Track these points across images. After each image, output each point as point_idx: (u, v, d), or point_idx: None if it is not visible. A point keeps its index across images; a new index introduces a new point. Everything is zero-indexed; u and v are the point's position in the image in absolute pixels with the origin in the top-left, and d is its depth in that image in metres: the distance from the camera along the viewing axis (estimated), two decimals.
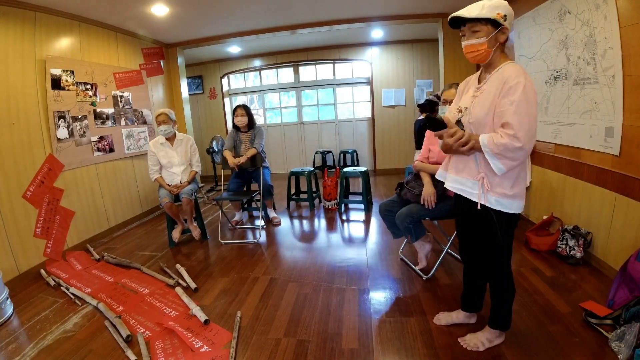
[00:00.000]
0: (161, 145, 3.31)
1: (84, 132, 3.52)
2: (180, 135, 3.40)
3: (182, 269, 2.71)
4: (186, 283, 2.51)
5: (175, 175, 3.34)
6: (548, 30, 2.79)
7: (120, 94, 4.06)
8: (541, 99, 2.95)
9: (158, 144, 3.31)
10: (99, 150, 3.70)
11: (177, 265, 2.81)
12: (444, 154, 2.24)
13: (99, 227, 3.70)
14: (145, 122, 4.46)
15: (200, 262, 2.95)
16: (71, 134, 3.35)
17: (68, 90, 3.33)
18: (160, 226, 4.04)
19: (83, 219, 3.48)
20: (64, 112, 3.27)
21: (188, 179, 3.35)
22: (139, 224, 4.20)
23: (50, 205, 3.09)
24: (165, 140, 3.31)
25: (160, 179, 3.30)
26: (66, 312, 2.26)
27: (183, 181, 3.33)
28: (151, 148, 3.29)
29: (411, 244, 2.48)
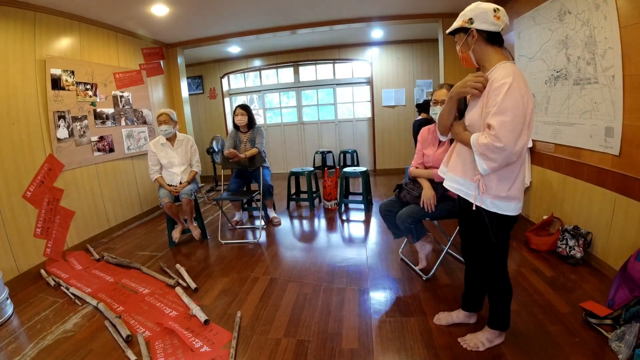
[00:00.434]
0: (161, 145, 3.31)
1: (84, 132, 3.52)
2: (180, 136, 3.40)
3: (182, 269, 2.71)
4: (186, 283, 2.51)
5: (176, 176, 3.34)
6: (548, 30, 2.79)
7: (120, 94, 4.06)
8: (541, 99, 2.95)
9: (158, 144, 3.31)
10: (99, 150, 3.70)
11: (177, 265, 2.81)
12: (439, 158, 2.25)
13: (99, 227, 3.70)
14: (145, 122, 4.46)
15: (200, 262, 2.95)
16: (71, 134, 3.35)
17: (68, 90, 3.33)
18: (160, 226, 4.04)
19: (83, 219, 3.48)
20: (64, 112, 3.27)
21: (188, 179, 3.35)
22: (139, 224, 4.20)
23: (50, 205, 3.09)
24: (165, 140, 3.31)
25: (161, 179, 3.30)
26: (66, 312, 2.26)
27: (183, 181, 3.33)
28: (151, 148, 3.29)
29: (412, 244, 2.48)
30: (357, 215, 4.05)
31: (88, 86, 3.59)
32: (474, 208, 1.48)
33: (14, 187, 2.78)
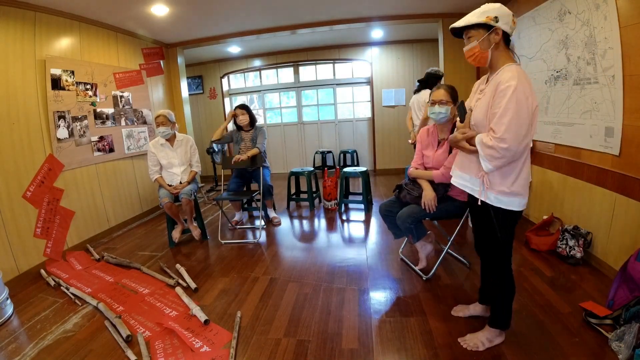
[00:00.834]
0: (161, 146, 3.31)
1: (84, 132, 3.52)
2: (180, 136, 3.40)
3: (182, 269, 2.71)
4: (186, 283, 2.51)
5: (175, 176, 3.34)
6: (548, 30, 2.79)
7: (120, 94, 4.06)
8: (541, 99, 2.95)
9: (158, 144, 3.31)
10: (99, 150, 3.70)
11: (177, 265, 2.81)
12: (440, 159, 2.26)
13: (99, 227, 3.70)
14: (145, 122, 4.46)
15: (200, 262, 2.95)
16: (71, 134, 3.35)
17: (68, 90, 3.33)
18: (160, 226, 4.04)
19: (83, 219, 3.48)
20: (64, 112, 3.27)
21: (188, 179, 3.35)
22: (139, 224, 4.20)
23: (50, 205, 3.09)
24: (165, 141, 3.31)
25: (160, 179, 3.30)
26: (66, 312, 2.26)
27: (183, 181, 3.33)
28: (151, 149, 3.29)
29: (412, 244, 2.48)
30: (357, 215, 4.05)
31: (88, 86, 3.59)
32: (479, 203, 1.53)
33: (14, 187, 2.78)
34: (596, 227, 2.39)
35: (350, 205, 4.39)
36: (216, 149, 5.75)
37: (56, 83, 3.20)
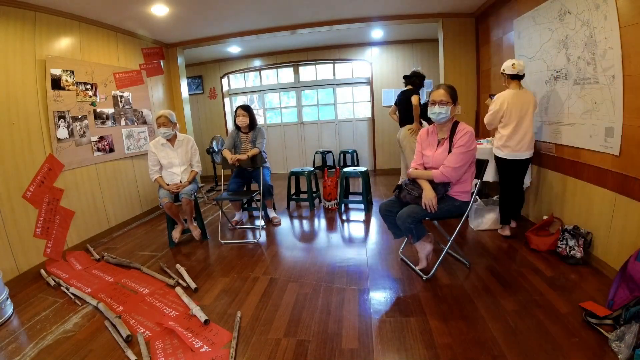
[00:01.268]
0: (162, 145, 3.31)
1: (84, 132, 3.52)
2: (180, 136, 3.40)
3: (182, 269, 2.71)
4: (186, 283, 2.51)
5: (176, 176, 3.34)
6: (548, 30, 2.79)
7: (120, 94, 4.06)
8: (541, 99, 2.95)
9: (159, 144, 3.31)
10: (99, 150, 3.70)
11: (177, 265, 2.81)
12: (439, 158, 2.26)
13: (99, 227, 3.70)
14: (145, 122, 4.46)
15: (200, 262, 2.95)
16: (71, 134, 3.35)
17: (68, 90, 3.33)
18: (160, 226, 4.04)
19: (83, 219, 3.48)
20: (64, 112, 3.27)
21: (189, 179, 3.35)
22: (139, 224, 4.20)
23: (50, 205, 3.09)
24: (165, 141, 3.31)
25: (160, 179, 3.29)
26: (66, 312, 2.26)
27: (183, 181, 3.33)
28: (151, 148, 3.29)
29: (412, 244, 2.48)
30: (357, 215, 4.05)
31: (88, 86, 3.59)
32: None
33: (14, 187, 2.78)
34: (596, 227, 2.39)
35: (350, 205, 4.39)
36: (216, 149, 5.75)
37: (56, 83, 3.20)
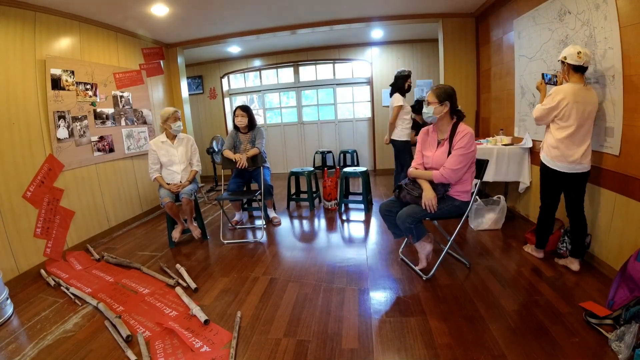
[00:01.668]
0: (162, 143, 3.31)
1: (84, 132, 3.52)
2: (181, 135, 3.40)
3: (182, 269, 2.71)
4: (186, 283, 2.51)
5: (176, 174, 3.34)
6: (548, 30, 2.79)
7: (120, 94, 4.06)
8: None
9: (159, 142, 3.31)
10: (99, 150, 3.70)
11: (177, 265, 2.81)
12: (439, 159, 2.26)
13: (99, 227, 3.70)
14: (145, 122, 4.46)
15: (200, 262, 2.95)
16: (71, 134, 3.35)
17: (68, 90, 3.33)
18: (160, 226, 4.04)
19: (83, 219, 3.48)
20: (64, 112, 3.27)
21: (189, 178, 3.35)
22: (139, 224, 4.20)
23: (50, 205, 3.09)
24: (166, 138, 3.32)
25: (160, 178, 3.29)
26: (66, 312, 2.26)
27: (184, 180, 3.33)
28: (152, 147, 3.30)
29: (412, 244, 2.48)
30: (357, 215, 4.05)
31: (88, 86, 3.59)
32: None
33: (14, 187, 2.78)
34: (596, 227, 2.39)
35: (350, 205, 4.39)
36: (216, 149, 5.75)
37: (56, 83, 3.20)
